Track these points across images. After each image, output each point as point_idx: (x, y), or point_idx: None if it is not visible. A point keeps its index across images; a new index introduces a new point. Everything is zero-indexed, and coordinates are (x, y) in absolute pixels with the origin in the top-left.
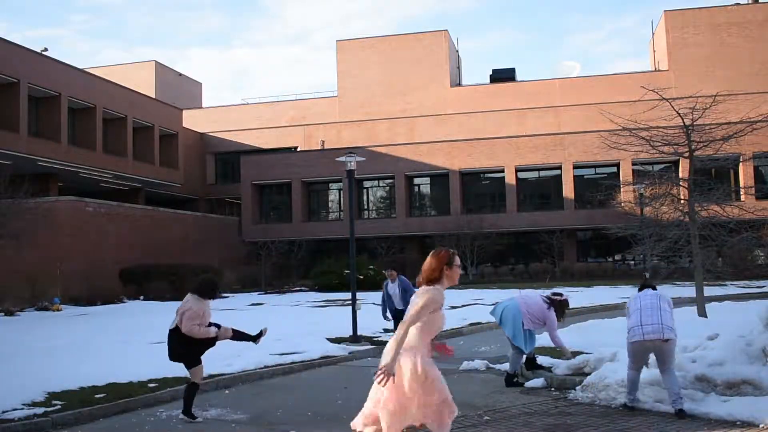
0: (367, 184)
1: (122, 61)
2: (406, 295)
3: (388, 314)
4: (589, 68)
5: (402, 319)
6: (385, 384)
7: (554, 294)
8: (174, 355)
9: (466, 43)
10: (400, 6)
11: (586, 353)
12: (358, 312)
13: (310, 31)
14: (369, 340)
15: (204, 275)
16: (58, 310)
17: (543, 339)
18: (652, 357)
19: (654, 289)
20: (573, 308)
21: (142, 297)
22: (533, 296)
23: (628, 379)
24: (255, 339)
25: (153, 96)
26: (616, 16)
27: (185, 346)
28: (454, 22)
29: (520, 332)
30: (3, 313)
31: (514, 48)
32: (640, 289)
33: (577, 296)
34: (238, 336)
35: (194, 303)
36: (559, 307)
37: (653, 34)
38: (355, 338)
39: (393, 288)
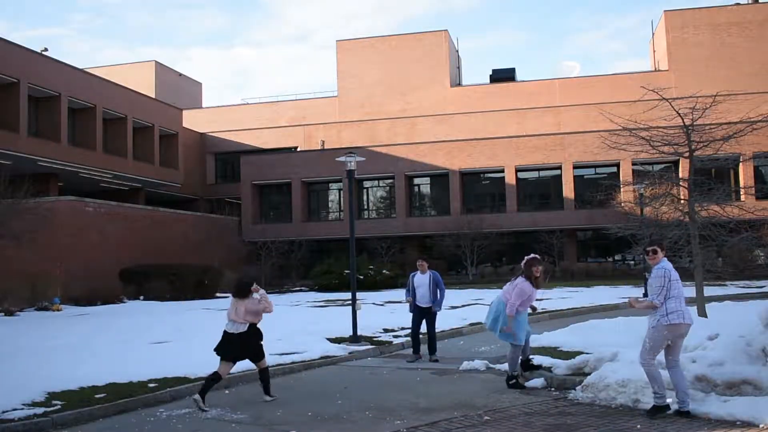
0: (367, 184)
1: (123, 61)
2: (436, 290)
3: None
4: (589, 68)
5: (428, 317)
6: None
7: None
8: (245, 353)
9: (467, 43)
10: (401, 5)
11: (586, 353)
12: (358, 312)
13: (312, 30)
14: (369, 340)
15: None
16: (58, 310)
17: (543, 339)
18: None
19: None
20: (573, 308)
21: (142, 297)
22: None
23: (652, 376)
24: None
25: (153, 96)
26: (617, 17)
27: (254, 341)
28: (455, 22)
29: (504, 320)
30: (3, 313)
31: (514, 48)
32: (664, 256)
33: (577, 296)
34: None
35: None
36: (526, 268)
37: (653, 34)
38: (355, 338)
39: (422, 280)
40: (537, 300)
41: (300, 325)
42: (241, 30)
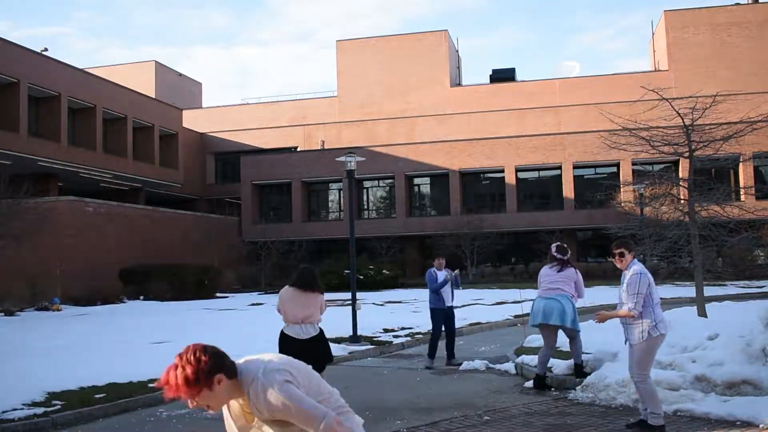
0: (367, 184)
1: (124, 60)
2: (456, 282)
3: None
4: (589, 68)
5: (449, 316)
6: None
7: (559, 250)
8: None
9: (467, 43)
10: (402, 5)
11: (586, 353)
12: (358, 312)
13: (313, 30)
14: (369, 340)
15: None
16: (58, 310)
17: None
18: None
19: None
20: None
21: (142, 297)
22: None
23: (651, 393)
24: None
25: (153, 96)
26: (617, 17)
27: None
28: (458, 21)
29: (572, 310)
30: (3, 313)
31: (515, 48)
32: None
33: None
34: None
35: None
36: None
37: (653, 34)
38: (355, 338)
39: (442, 277)
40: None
41: None
42: (243, 29)
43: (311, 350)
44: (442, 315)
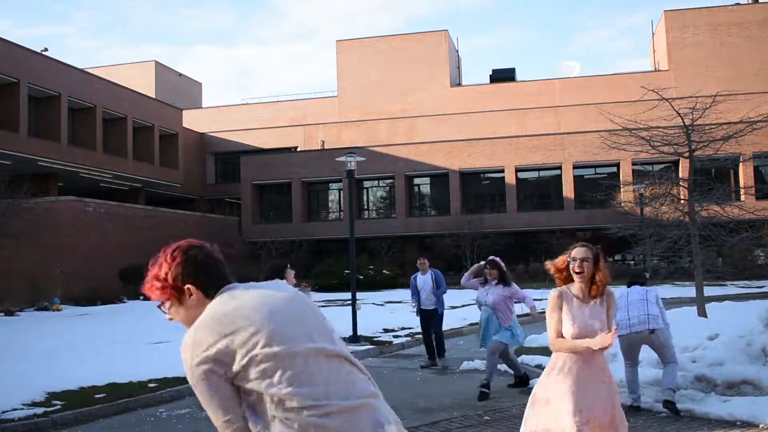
0: (367, 184)
1: (125, 59)
2: (438, 291)
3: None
4: (589, 68)
5: (433, 319)
6: None
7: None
8: None
9: (467, 43)
10: (405, 4)
11: None
12: (358, 312)
13: (315, 29)
14: (369, 340)
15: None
16: (58, 310)
17: (543, 339)
18: (650, 354)
19: (642, 284)
20: None
21: (142, 297)
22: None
23: (626, 379)
24: None
25: (153, 96)
26: (617, 17)
27: None
28: (458, 21)
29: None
30: (3, 313)
31: (515, 48)
32: (628, 285)
33: None
34: None
35: None
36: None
37: (653, 34)
38: (355, 338)
39: (424, 280)
40: (537, 300)
41: None
42: (243, 29)
43: None
44: (422, 316)
